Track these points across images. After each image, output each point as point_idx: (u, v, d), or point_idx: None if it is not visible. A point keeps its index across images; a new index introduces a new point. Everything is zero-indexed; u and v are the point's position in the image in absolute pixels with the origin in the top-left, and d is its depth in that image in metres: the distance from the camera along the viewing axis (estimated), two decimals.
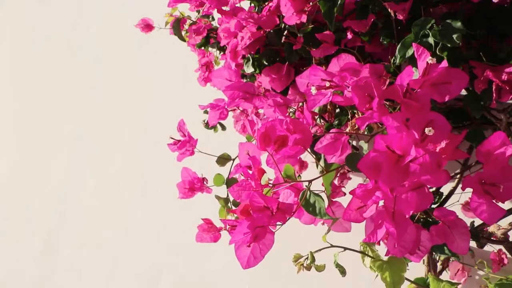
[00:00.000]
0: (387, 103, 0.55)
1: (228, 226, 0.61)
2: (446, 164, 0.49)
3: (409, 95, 0.51)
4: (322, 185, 0.61)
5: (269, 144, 0.58)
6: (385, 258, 0.70)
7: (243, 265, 0.56)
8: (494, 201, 0.51)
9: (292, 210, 0.57)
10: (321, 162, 0.61)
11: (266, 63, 0.89)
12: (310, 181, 0.58)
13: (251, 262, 0.56)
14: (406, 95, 0.51)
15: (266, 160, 0.63)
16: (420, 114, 0.49)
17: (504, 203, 0.52)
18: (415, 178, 0.48)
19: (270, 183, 0.59)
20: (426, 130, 0.48)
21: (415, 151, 0.46)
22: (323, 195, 0.60)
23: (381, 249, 0.65)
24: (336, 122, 0.83)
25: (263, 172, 0.60)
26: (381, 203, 0.53)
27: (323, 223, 0.75)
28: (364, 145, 0.58)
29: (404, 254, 0.54)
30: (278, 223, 0.57)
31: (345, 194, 0.84)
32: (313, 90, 0.58)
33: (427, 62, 0.51)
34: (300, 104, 0.83)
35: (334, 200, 0.69)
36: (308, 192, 0.57)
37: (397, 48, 0.65)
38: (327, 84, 0.58)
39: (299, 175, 0.84)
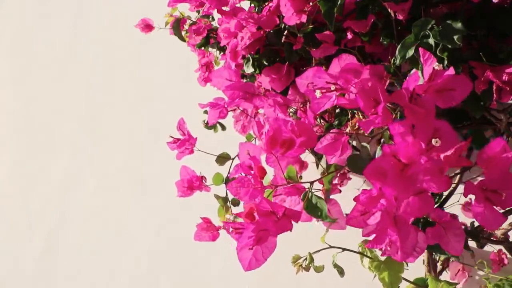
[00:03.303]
0: (389, 105, 0.55)
1: (231, 229, 0.61)
2: (448, 169, 0.48)
3: (414, 100, 0.51)
4: (320, 183, 0.61)
5: (276, 147, 0.58)
6: (383, 259, 0.70)
7: (245, 267, 0.56)
8: (495, 207, 0.51)
9: (299, 217, 0.57)
10: (322, 163, 0.61)
11: (266, 63, 0.89)
12: (312, 183, 0.58)
13: (253, 264, 0.56)
14: (412, 100, 0.51)
15: (266, 159, 0.63)
16: (426, 121, 0.49)
17: (505, 209, 0.52)
18: (418, 184, 0.47)
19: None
20: (433, 141, 0.47)
21: (422, 161, 0.46)
22: (320, 193, 0.60)
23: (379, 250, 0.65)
24: (336, 122, 0.83)
25: (264, 172, 0.60)
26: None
27: (318, 220, 0.76)
28: (366, 148, 0.58)
29: (406, 259, 0.54)
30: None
31: (340, 191, 0.84)
32: (318, 94, 0.58)
33: (433, 68, 0.51)
34: (302, 104, 0.83)
35: (329, 197, 0.68)
36: (310, 194, 0.57)
37: (397, 49, 0.65)
38: (332, 87, 0.57)
39: (300, 176, 0.84)
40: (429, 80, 0.52)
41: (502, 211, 0.54)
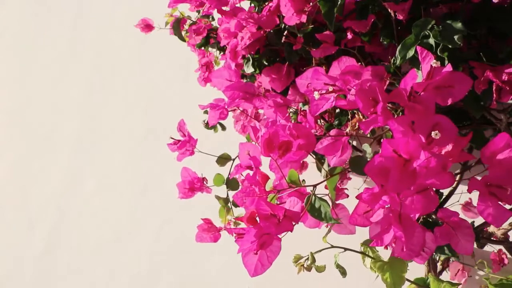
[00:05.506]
0: (389, 105, 0.55)
1: (234, 235, 0.60)
2: (451, 166, 0.48)
3: (413, 98, 0.51)
4: (326, 188, 0.61)
5: (273, 150, 0.57)
6: (386, 259, 0.70)
7: (251, 273, 0.55)
8: (500, 203, 0.51)
9: (299, 217, 0.56)
10: (325, 166, 0.61)
11: (266, 63, 0.89)
12: (314, 186, 0.58)
13: (258, 269, 0.55)
14: (410, 98, 0.51)
15: (269, 165, 0.63)
16: (426, 117, 0.49)
17: (511, 204, 0.51)
18: (421, 181, 0.47)
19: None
20: (433, 133, 0.47)
21: (424, 155, 0.46)
22: (326, 198, 0.60)
23: (381, 250, 0.65)
24: (336, 122, 0.83)
25: (267, 178, 0.60)
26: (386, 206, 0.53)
27: (327, 226, 0.75)
28: (368, 149, 0.58)
29: (412, 257, 0.54)
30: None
31: (348, 196, 0.84)
32: (316, 95, 0.58)
33: (431, 65, 0.51)
34: (301, 107, 0.83)
35: (337, 202, 0.68)
36: (313, 197, 0.57)
37: (398, 49, 0.65)
38: (330, 88, 0.57)
39: (303, 180, 0.83)
40: (427, 78, 0.51)
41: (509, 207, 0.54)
